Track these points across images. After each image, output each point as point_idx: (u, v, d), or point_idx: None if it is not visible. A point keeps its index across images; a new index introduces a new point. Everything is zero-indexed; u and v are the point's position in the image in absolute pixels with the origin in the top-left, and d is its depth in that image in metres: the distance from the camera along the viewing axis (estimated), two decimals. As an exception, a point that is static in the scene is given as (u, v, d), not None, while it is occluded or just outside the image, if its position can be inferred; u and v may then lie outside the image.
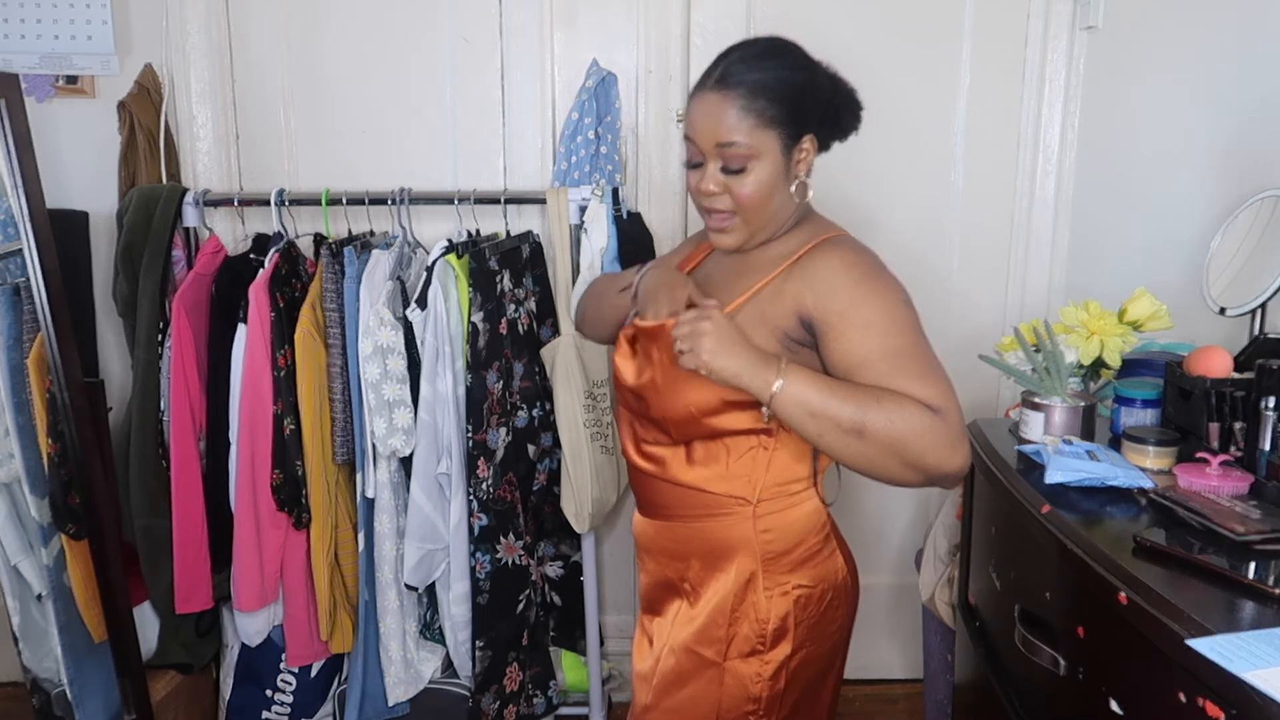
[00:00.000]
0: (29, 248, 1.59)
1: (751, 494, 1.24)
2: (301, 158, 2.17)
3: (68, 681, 1.78)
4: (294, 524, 1.90)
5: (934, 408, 1.08)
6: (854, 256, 1.19)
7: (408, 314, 1.85)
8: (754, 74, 1.16)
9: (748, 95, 1.16)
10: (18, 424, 1.70)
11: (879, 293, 1.15)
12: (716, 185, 1.19)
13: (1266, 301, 1.36)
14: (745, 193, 1.18)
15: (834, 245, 1.21)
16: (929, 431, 1.07)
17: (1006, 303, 2.28)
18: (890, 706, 2.36)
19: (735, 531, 1.24)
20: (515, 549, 1.91)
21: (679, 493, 1.27)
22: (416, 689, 2.03)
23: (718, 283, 1.29)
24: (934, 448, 1.07)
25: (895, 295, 1.16)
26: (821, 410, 1.10)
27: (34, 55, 2.07)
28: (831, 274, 1.17)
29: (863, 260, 1.19)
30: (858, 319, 1.14)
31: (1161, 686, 0.90)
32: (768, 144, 1.17)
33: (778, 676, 1.26)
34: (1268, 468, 1.17)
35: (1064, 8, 2.13)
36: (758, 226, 1.23)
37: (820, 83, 1.21)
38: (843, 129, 1.26)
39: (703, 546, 1.28)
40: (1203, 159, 1.70)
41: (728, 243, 1.24)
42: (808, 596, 1.26)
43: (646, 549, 1.37)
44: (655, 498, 1.31)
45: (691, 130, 1.20)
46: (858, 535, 2.38)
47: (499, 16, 2.13)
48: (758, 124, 1.16)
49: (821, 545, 1.28)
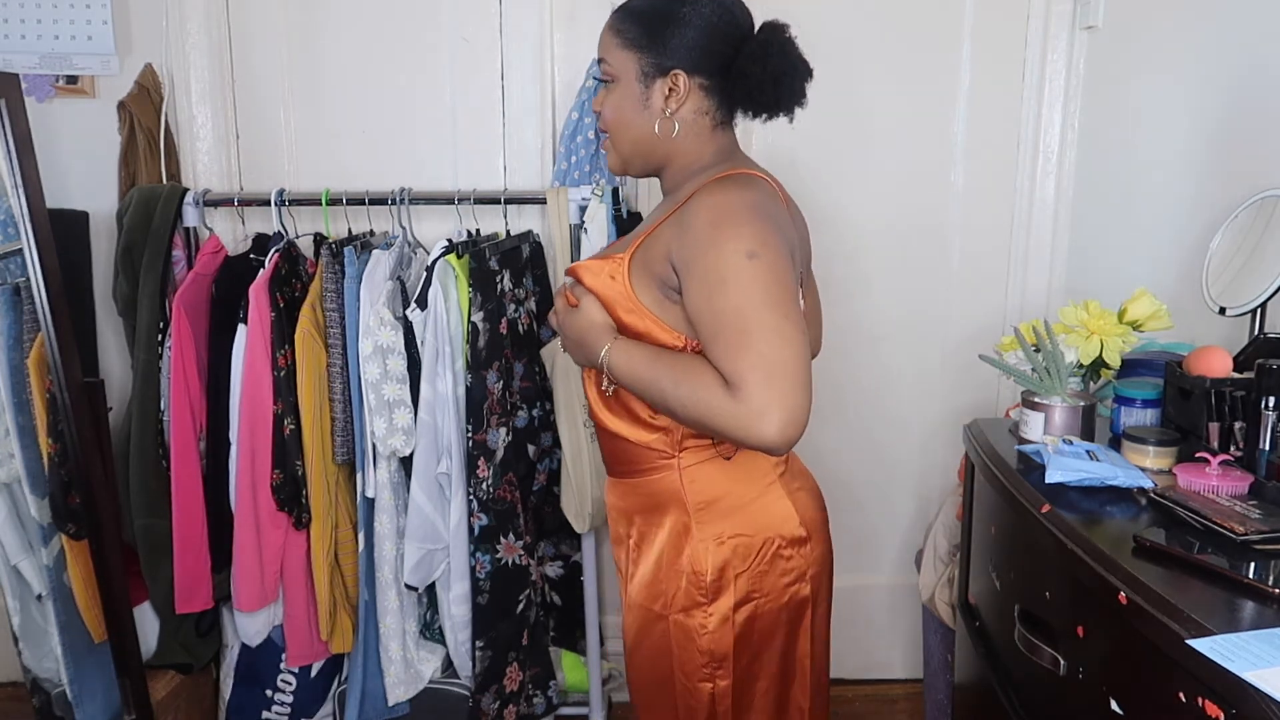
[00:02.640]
0: (29, 248, 1.59)
1: (673, 445, 1.25)
2: (301, 158, 2.17)
3: (68, 681, 1.78)
4: (294, 524, 1.90)
5: (732, 385, 1.05)
6: (719, 197, 1.13)
7: (408, 314, 1.85)
8: (638, 1, 1.22)
9: (620, 17, 1.22)
10: (18, 424, 1.70)
11: (724, 241, 1.09)
12: (598, 103, 1.27)
13: (1266, 301, 1.36)
14: (606, 112, 1.25)
15: (713, 187, 1.15)
16: (720, 413, 1.06)
17: (1006, 303, 2.28)
18: (890, 706, 2.36)
19: (665, 484, 1.26)
20: (515, 549, 1.91)
21: (616, 446, 1.30)
22: (416, 689, 2.03)
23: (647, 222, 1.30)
24: (729, 428, 1.06)
25: (742, 245, 1.08)
26: (637, 386, 1.17)
27: (34, 55, 2.07)
28: (693, 216, 1.13)
29: (724, 203, 1.12)
30: (698, 270, 1.11)
31: (1161, 686, 0.90)
32: (626, 66, 1.21)
33: (723, 629, 1.24)
34: (1268, 468, 1.17)
35: (1064, 8, 2.13)
36: (625, 154, 1.27)
37: (694, 19, 1.18)
38: (758, 88, 1.20)
39: (642, 501, 1.30)
40: (1203, 159, 1.70)
41: (609, 165, 1.31)
42: (747, 545, 1.24)
43: (609, 508, 1.41)
44: (605, 453, 1.36)
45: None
46: (858, 535, 2.39)
47: (499, 17, 2.13)
48: (620, 44, 1.21)
49: (761, 493, 1.26)
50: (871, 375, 2.30)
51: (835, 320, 2.20)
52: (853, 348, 2.26)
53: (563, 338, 1.28)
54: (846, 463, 2.34)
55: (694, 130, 1.23)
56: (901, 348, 2.30)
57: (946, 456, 2.31)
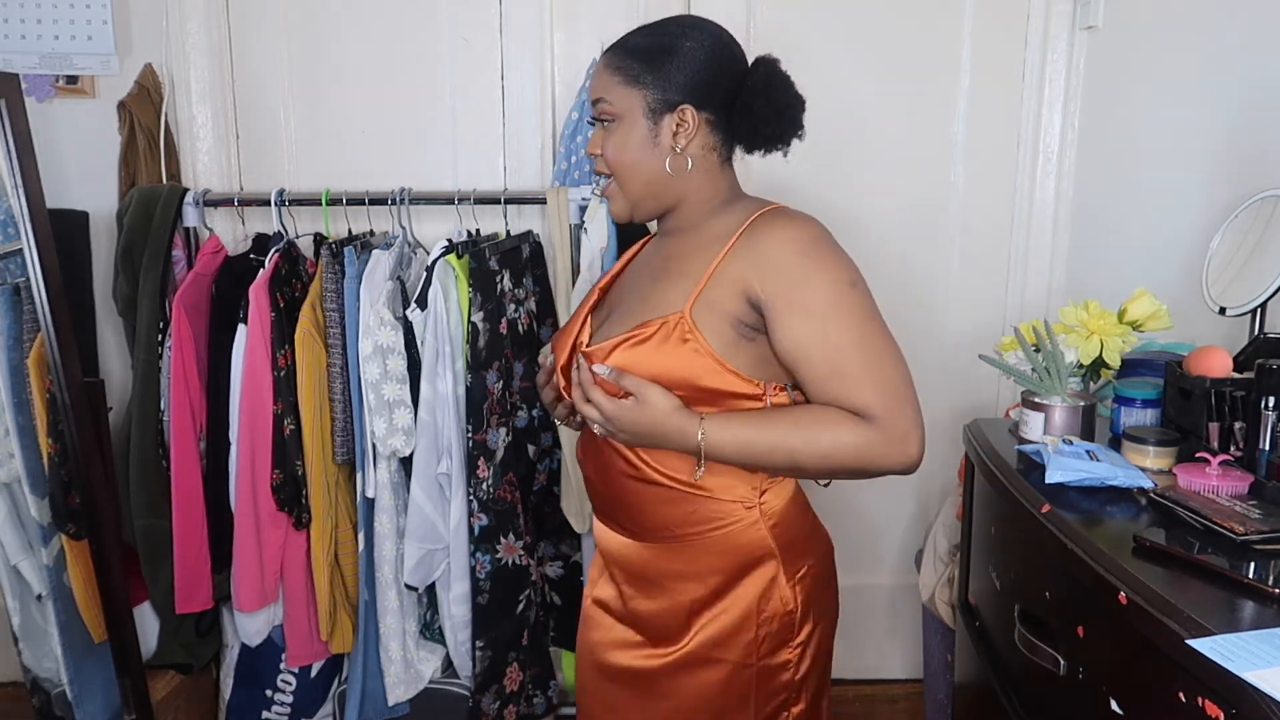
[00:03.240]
0: (29, 248, 1.59)
1: (756, 491, 1.18)
2: (301, 158, 2.17)
3: (68, 681, 1.78)
4: (294, 524, 1.90)
5: (870, 416, 1.05)
6: (797, 229, 1.12)
7: (408, 314, 1.85)
8: (634, 38, 1.18)
9: (618, 54, 1.18)
10: (18, 424, 1.70)
11: (823, 271, 1.09)
12: (596, 146, 1.21)
13: (1266, 301, 1.36)
14: (609, 153, 1.18)
15: (775, 216, 1.15)
16: (864, 447, 1.05)
17: (1006, 303, 2.28)
18: (890, 706, 2.36)
19: (747, 536, 1.19)
20: (515, 549, 1.91)
21: (687, 508, 1.18)
22: (416, 689, 2.03)
23: (655, 270, 1.22)
24: (874, 459, 1.05)
25: (841, 274, 1.09)
26: (749, 458, 1.11)
27: (34, 55, 2.07)
28: (774, 249, 1.11)
29: (806, 232, 1.12)
30: (800, 303, 1.08)
31: (1161, 686, 0.90)
32: (631, 103, 1.16)
33: (803, 658, 1.23)
34: (1268, 468, 1.17)
35: (1064, 8, 2.13)
36: (635, 196, 1.20)
37: (697, 53, 1.16)
38: (763, 121, 1.18)
39: (716, 563, 1.20)
40: (1203, 159, 1.70)
41: (614, 210, 1.23)
42: (815, 574, 1.24)
43: (637, 575, 1.26)
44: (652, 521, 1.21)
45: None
46: (858, 535, 2.39)
47: (499, 16, 2.13)
48: (621, 81, 1.16)
49: (812, 518, 1.28)
50: (871, 375, 2.30)
51: (835, 320, 2.21)
52: (853, 348, 2.26)
53: (619, 434, 1.13)
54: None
55: (704, 166, 1.19)
56: (901, 347, 2.29)
57: (946, 456, 2.31)
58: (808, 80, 2.39)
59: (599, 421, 1.13)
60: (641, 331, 1.12)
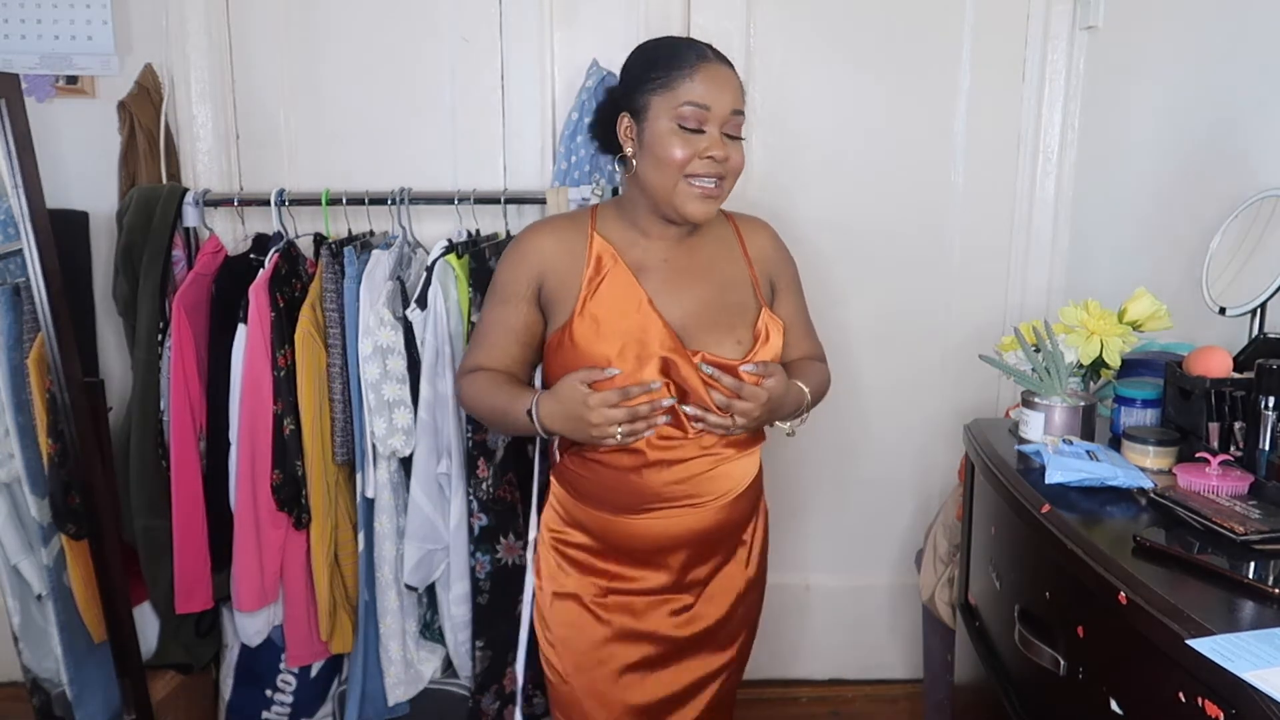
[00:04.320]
0: (29, 248, 1.59)
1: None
2: (301, 158, 2.17)
3: (68, 681, 1.78)
4: (294, 524, 1.90)
5: (822, 358, 1.58)
6: (773, 229, 1.54)
7: (408, 314, 1.85)
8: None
9: (737, 76, 1.36)
10: (18, 424, 1.70)
11: (793, 259, 1.55)
12: (725, 150, 1.32)
13: (1266, 301, 1.36)
14: (737, 160, 1.35)
15: (753, 219, 1.54)
16: (828, 375, 1.56)
17: (1006, 303, 2.28)
18: (890, 706, 2.36)
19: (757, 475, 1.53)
20: (515, 549, 1.91)
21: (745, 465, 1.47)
22: (416, 689, 2.03)
23: (693, 272, 1.41)
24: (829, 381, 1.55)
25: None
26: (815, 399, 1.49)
27: (34, 55, 2.07)
28: (780, 245, 1.53)
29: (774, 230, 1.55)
30: (794, 283, 1.53)
31: (1161, 686, 0.90)
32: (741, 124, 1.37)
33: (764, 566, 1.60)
34: (1268, 468, 1.17)
35: (1064, 8, 2.13)
36: (727, 196, 1.39)
37: None
38: None
39: (751, 502, 1.51)
40: (1203, 159, 1.70)
41: (706, 212, 1.35)
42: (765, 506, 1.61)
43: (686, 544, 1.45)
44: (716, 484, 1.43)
45: (708, 97, 1.30)
46: (858, 535, 2.39)
47: (499, 16, 2.13)
48: (743, 103, 1.36)
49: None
50: (872, 375, 2.30)
51: (835, 320, 2.21)
52: (853, 348, 2.26)
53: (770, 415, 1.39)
54: (847, 462, 2.35)
55: None
56: (902, 348, 2.30)
57: (946, 456, 2.31)
58: (807, 80, 2.39)
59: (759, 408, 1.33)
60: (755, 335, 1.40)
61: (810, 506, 2.37)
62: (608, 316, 1.34)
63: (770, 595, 1.64)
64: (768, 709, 2.31)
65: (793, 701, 2.36)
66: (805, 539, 2.38)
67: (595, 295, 1.35)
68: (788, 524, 2.33)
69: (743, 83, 1.36)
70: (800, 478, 2.34)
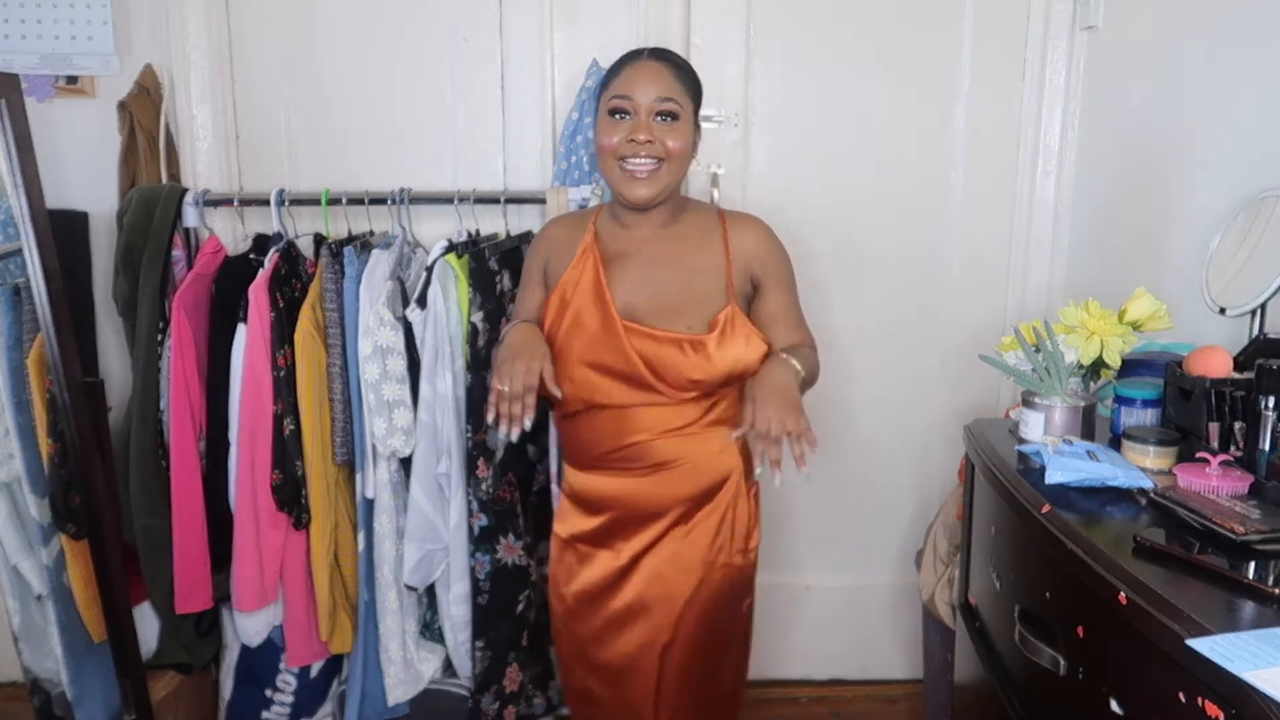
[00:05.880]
0: (29, 248, 1.58)
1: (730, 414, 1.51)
2: (301, 158, 2.17)
3: (68, 681, 1.78)
4: (294, 524, 1.90)
5: (812, 346, 1.56)
6: (765, 224, 1.56)
7: (407, 314, 1.85)
8: (678, 58, 1.51)
9: (679, 64, 1.50)
10: (18, 424, 1.70)
11: (786, 256, 1.56)
12: (649, 134, 1.43)
13: (1266, 301, 1.36)
14: (674, 143, 1.45)
15: (745, 216, 1.57)
16: (817, 361, 1.55)
17: (1006, 303, 2.28)
18: (890, 706, 2.36)
19: (729, 455, 1.53)
20: (515, 549, 1.91)
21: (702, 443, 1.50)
22: (416, 689, 2.03)
23: (664, 260, 1.51)
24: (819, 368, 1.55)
25: (789, 257, 1.56)
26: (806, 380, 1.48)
27: (34, 55, 2.07)
28: (766, 240, 1.54)
29: (769, 226, 1.57)
30: (785, 277, 1.55)
31: (1161, 686, 0.90)
32: (686, 108, 1.47)
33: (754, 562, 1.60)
34: (1268, 468, 1.17)
35: (1064, 8, 2.13)
36: (671, 183, 1.48)
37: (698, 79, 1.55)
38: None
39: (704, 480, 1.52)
40: (1203, 159, 1.70)
41: (643, 193, 1.45)
42: (756, 486, 1.59)
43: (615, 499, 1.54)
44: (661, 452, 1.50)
45: (630, 88, 1.44)
46: (858, 535, 2.39)
47: (499, 16, 2.13)
48: (682, 89, 1.47)
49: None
50: (872, 375, 2.30)
51: (836, 321, 2.21)
52: (853, 348, 2.26)
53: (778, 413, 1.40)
54: (847, 463, 2.34)
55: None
56: (902, 348, 2.30)
57: (946, 456, 2.31)
58: (807, 80, 2.39)
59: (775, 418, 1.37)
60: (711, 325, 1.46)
61: (810, 506, 2.37)
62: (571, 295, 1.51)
63: (770, 595, 1.64)
64: (768, 709, 2.31)
65: (792, 702, 2.36)
66: (805, 539, 2.38)
67: (566, 275, 1.52)
68: (788, 524, 2.33)
69: (676, 73, 1.47)
70: (800, 477, 2.33)
